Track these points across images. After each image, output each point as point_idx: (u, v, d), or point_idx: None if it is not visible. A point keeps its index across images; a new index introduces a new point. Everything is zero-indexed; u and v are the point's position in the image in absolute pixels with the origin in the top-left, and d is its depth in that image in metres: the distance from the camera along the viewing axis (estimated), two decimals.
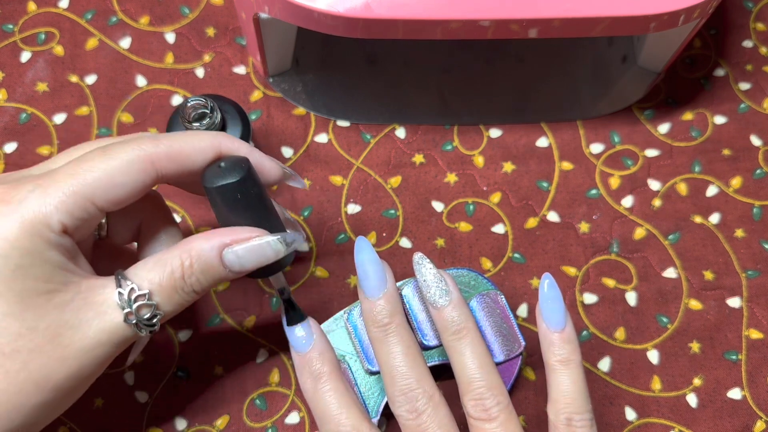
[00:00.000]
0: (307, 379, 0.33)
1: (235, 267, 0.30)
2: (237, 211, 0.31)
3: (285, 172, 0.34)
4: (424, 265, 0.34)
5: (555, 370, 0.33)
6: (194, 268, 0.29)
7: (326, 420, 0.32)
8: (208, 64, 0.46)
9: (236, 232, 0.30)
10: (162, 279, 0.29)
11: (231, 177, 0.30)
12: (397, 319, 0.33)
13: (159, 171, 0.30)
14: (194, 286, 0.30)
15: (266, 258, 0.30)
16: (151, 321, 0.29)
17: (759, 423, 0.40)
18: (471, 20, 0.34)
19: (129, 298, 0.28)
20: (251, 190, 0.31)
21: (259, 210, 0.31)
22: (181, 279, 0.29)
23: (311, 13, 0.34)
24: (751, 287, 0.42)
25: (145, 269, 0.29)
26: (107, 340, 0.29)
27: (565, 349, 0.33)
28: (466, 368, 0.33)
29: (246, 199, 0.30)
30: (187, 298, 0.30)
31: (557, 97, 0.46)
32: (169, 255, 0.30)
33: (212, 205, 0.31)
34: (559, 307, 0.33)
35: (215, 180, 0.30)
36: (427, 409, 0.32)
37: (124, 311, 0.28)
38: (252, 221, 0.31)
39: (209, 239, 0.30)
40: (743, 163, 0.45)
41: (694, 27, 0.39)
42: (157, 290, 0.29)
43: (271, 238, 0.30)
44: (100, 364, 0.29)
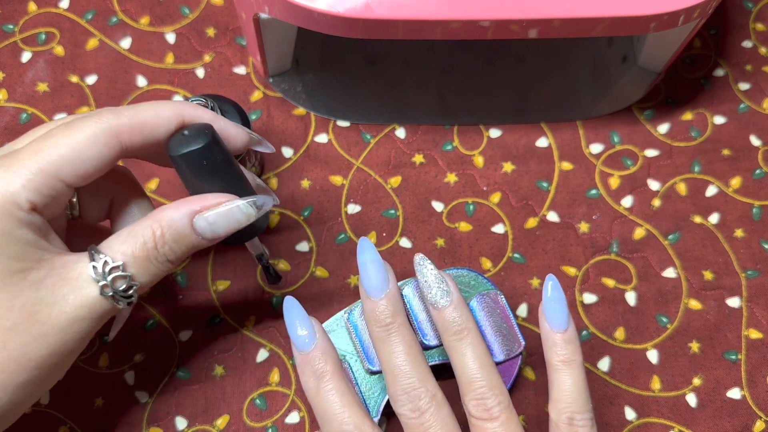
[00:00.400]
0: (309, 378, 0.33)
1: (207, 233, 0.30)
2: (204, 177, 0.31)
3: (252, 138, 0.34)
4: (425, 265, 0.34)
5: (557, 370, 0.33)
6: (166, 237, 0.30)
7: (329, 419, 0.32)
8: (209, 65, 0.46)
9: (205, 199, 0.30)
10: (135, 250, 0.29)
11: (195, 144, 0.30)
12: (399, 319, 0.33)
13: (123, 143, 0.29)
14: (168, 255, 0.30)
15: (237, 222, 0.31)
16: (127, 292, 0.29)
17: (758, 423, 0.40)
18: (471, 20, 0.34)
19: (103, 270, 0.28)
20: (217, 156, 0.31)
21: (227, 176, 0.31)
22: (153, 249, 0.29)
23: (311, 14, 0.34)
24: (750, 287, 0.42)
25: (117, 242, 0.29)
26: (85, 314, 0.29)
27: (568, 349, 0.33)
28: (467, 368, 0.33)
29: (212, 166, 0.31)
30: (162, 268, 0.30)
31: (557, 97, 0.46)
32: (140, 226, 0.30)
33: (179, 174, 0.31)
34: (562, 308, 0.34)
35: (179, 148, 0.30)
36: (429, 408, 0.32)
37: (99, 284, 0.28)
38: (221, 187, 0.31)
39: (179, 207, 0.30)
40: (743, 163, 0.45)
41: (693, 27, 0.39)
42: (131, 261, 0.29)
43: (241, 201, 0.31)
44: (80, 339, 0.29)
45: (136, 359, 0.40)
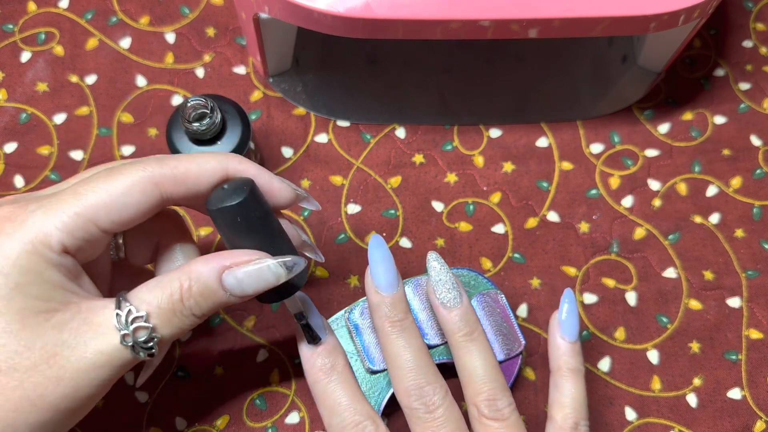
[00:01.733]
0: (318, 372, 0.33)
1: (235, 291, 0.30)
2: (239, 233, 0.30)
3: (297, 194, 0.33)
4: (438, 264, 0.35)
5: (566, 378, 0.35)
6: (193, 291, 0.29)
7: (339, 410, 0.33)
8: (208, 64, 0.46)
9: (236, 255, 0.30)
10: (161, 301, 0.29)
11: (231, 200, 0.29)
12: (410, 317, 0.34)
13: (164, 193, 0.29)
14: (193, 310, 0.29)
15: (266, 282, 0.30)
16: (147, 344, 0.29)
17: (759, 423, 0.40)
18: (471, 20, 0.34)
19: (126, 319, 0.28)
20: (254, 212, 0.30)
21: (263, 233, 0.30)
22: (179, 302, 0.29)
23: (311, 13, 0.34)
24: (751, 287, 0.42)
25: (145, 291, 0.29)
26: (104, 362, 0.28)
27: (577, 360, 0.35)
28: (478, 369, 0.34)
29: (248, 222, 0.30)
30: (187, 322, 0.29)
31: (557, 97, 0.46)
32: (168, 277, 0.29)
33: (216, 227, 0.31)
34: (576, 321, 0.35)
35: (216, 203, 0.30)
36: (444, 403, 0.33)
37: (120, 333, 0.28)
38: (256, 244, 0.30)
39: (208, 262, 0.29)
40: (743, 163, 0.45)
41: (694, 27, 0.39)
42: (155, 312, 0.29)
43: (271, 261, 0.30)
44: (98, 387, 0.29)
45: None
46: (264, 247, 0.30)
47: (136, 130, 0.44)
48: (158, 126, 0.44)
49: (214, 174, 0.30)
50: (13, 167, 0.43)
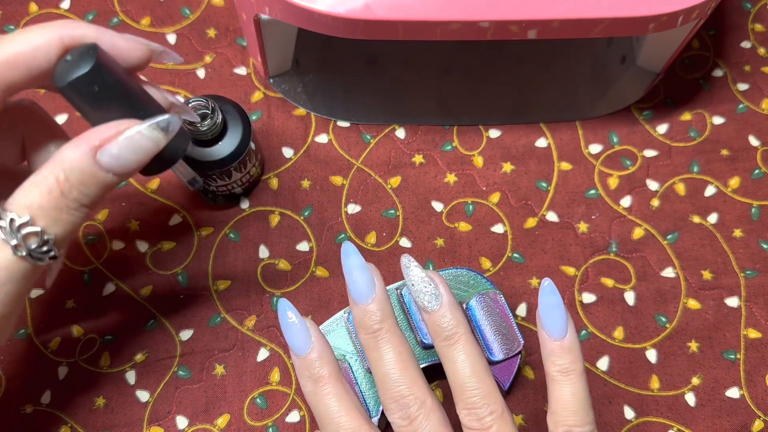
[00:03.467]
0: (307, 382, 0.33)
1: (116, 168, 0.27)
2: (100, 105, 0.27)
3: (151, 49, 0.29)
4: (411, 268, 0.33)
5: (555, 381, 0.32)
6: (71, 181, 0.26)
7: (327, 422, 0.32)
8: (209, 65, 0.46)
9: (103, 130, 0.27)
10: (42, 201, 0.26)
11: (78, 69, 0.26)
12: (386, 324, 0.32)
13: (5, 84, 0.27)
14: (80, 200, 0.27)
15: (145, 150, 0.27)
16: (43, 248, 0.26)
17: (757, 422, 0.40)
18: (471, 21, 0.34)
19: (11, 228, 0.26)
20: (107, 78, 0.27)
21: (124, 99, 0.27)
22: (61, 197, 0.26)
23: (312, 15, 0.34)
24: (749, 287, 0.42)
25: (21, 195, 0.27)
26: (5, 278, 0.26)
27: (566, 359, 0.31)
28: (458, 375, 0.32)
29: (105, 91, 0.27)
30: (78, 215, 0.27)
31: (556, 97, 0.46)
32: (42, 174, 0.27)
33: (73, 106, 0.28)
34: (559, 314, 0.32)
35: (63, 77, 0.26)
36: (419, 414, 0.31)
37: (11, 244, 0.26)
38: (121, 114, 0.27)
39: (77, 146, 0.27)
40: (741, 163, 0.45)
41: (692, 28, 0.39)
42: (39, 214, 0.26)
43: (143, 126, 0.27)
44: (8, 304, 0.27)
45: (137, 359, 0.40)
46: (131, 115, 0.28)
47: None
48: None
49: (51, 47, 0.27)
50: None
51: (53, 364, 0.40)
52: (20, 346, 0.40)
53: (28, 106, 0.31)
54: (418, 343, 0.37)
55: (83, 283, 0.41)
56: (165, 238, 0.42)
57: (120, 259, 0.42)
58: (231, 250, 0.42)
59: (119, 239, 0.42)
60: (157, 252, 0.42)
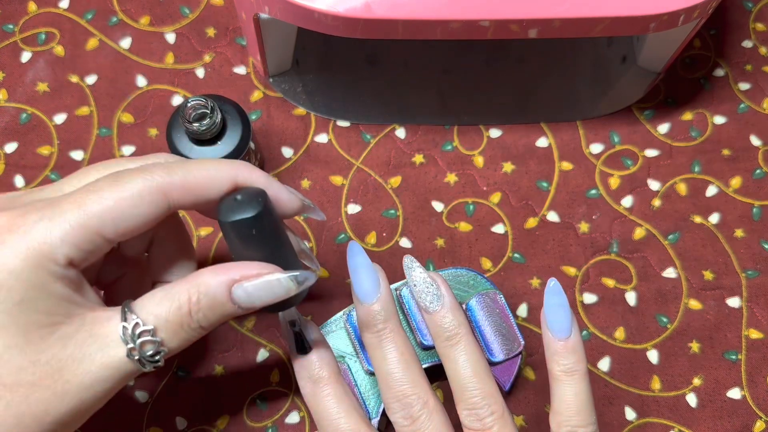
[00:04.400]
0: (306, 383, 0.33)
1: (243, 304, 0.29)
2: (250, 245, 0.29)
3: (303, 204, 0.32)
4: (413, 269, 0.34)
5: (559, 381, 0.32)
6: (201, 304, 0.28)
7: (326, 424, 0.32)
8: (209, 65, 0.46)
9: (246, 268, 0.29)
10: (169, 314, 0.28)
11: (246, 212, 0.28)
12: (390, 324, 0.33)
13: (172, 202, 0.28)
14: (201, 322, 0.29)
15: (276, 296, 0.29)
16: (154, 357, 0.28)
17: (759, 423, 0.40)
18: (471, 20, 0.34)
19: (133, 332, 0.27)
20: (266, 225, 0.29)
21: (273, 245, 0.30)
22: (188, 315, 0.28)
23: (311, 14, 0.34)
24: (750, 287, 0.42)
25: (152, 303, 0.28)
26: (109, 375, 0.28)
27: (570, 359, 0.32)
28: (459, 376, 0.32)
29: (260, 235, 0.29)
30: (194, 334, 0.29)
31: (557, 97, 0.46)
32: (176, 289, 0.28)
33: (225, 237, 0.30)
34: (564, 314, 0.32)
35: (229, 215, 0.29)
36: (422, 414, 0.32)
37: (127, 346, 0.27)
38: (265, 256, 0.29)
39: (218, 275, 0.29)
40: (743, 163, 0.45)
41: (693, 27, 0.39)
42: (163, 326, 0.28)
43: (283, 276, 0.29)
44: (100, 399, 0.28)
45: None
46: (272, 259, 0.30)
47: (136, 130, 0.44)
48: (158, 126, 0.44)
49: (224, 183, 0.29)
50: (13, 167, 0.43)
51: None
52: None
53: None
54: (417, 344, 0.37)
55: None
56: None
57: None
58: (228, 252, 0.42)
59: None
60: None
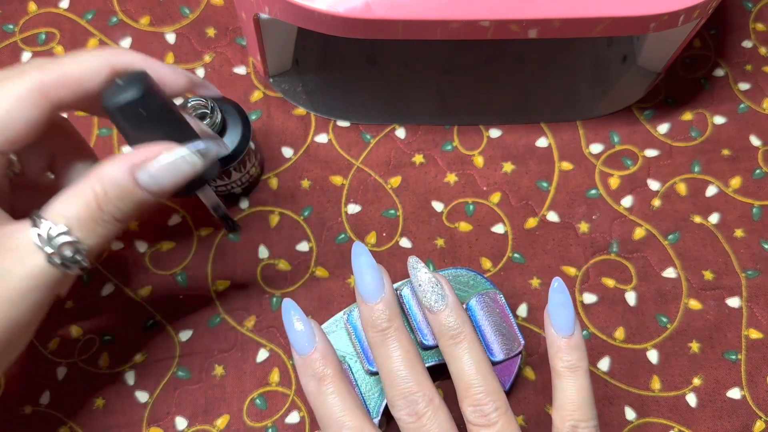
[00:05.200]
0: (309, 381, 0.33)
1: (152, 187, 0.29)
2: (143, 128, 0.29)
3: (191, 80, 0.32)
4: (419, 269, 0.34)
5: (562, 377, 0.33)
6: (109, 196, 0.28)
7: (330, 422, 0.32)
8: (209, 65, 0.46)
9: (144, 151, 0.29)
10: (79, 212, 0.27)
11: (129, 94, 0.28)
12: (395, 323, 0.33)
13: (53, 101, 0.28)
14: (114, 214, 0.28)
15: (183, 173, 0.29)
16: (75, 258, 0.28)
17: (758, 423, 0.40)
18: (471, 20, 0.34)
19: (48, 236, 0.27)
20: (154, 104, 0.29)
21: (167, 124, 0.30)
22: (98, 209, 0.28)
23: (311, 14, 0.34)
24: (750, 287, 0.42)
25: (59, 205, 0.28)
26: (35, 285, 0.27)
27: (573, 355, 0.33)
28: (464, 373, 0.33)
29: (150, 115, 0.29)
30: (111, 228, 0.28)
31: (557, 97, 0.46)
32: (80, 186, 0.28)
33: (116, 126, 0.30)
34: (568, 312, 0.33)
35: (113, 99, 0.28)
36: (427, 411, 0.32)
37: (45, 252, 0.27)
38: (162, 136, 0.29)
39: (117, 163, 0.28)
40: (743, 163, 0.45)
41: (693, 27, 0.39)
42: (76, 225, 0.27)
43: (184, 151, 0.29)
44: (35, 311, 0.28)
45: (136, 359, 0.40)
46: (170, 138, 0.29)
47: None
48: None
49: (101, 71, 0.29)
50: None
51: (52, 364, 0.40)
52: None
53: (59, 122, 0.33)
54: (418, 343, 0.37)
55: (82, 283, 0.41)
56: (164, 239, 0.42)
57: (119, 260, 0.42)
58: (230, 250, 0.42)
59: (118, 239, 0.42)
60: (156, 252, 0.42)
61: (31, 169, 0.33)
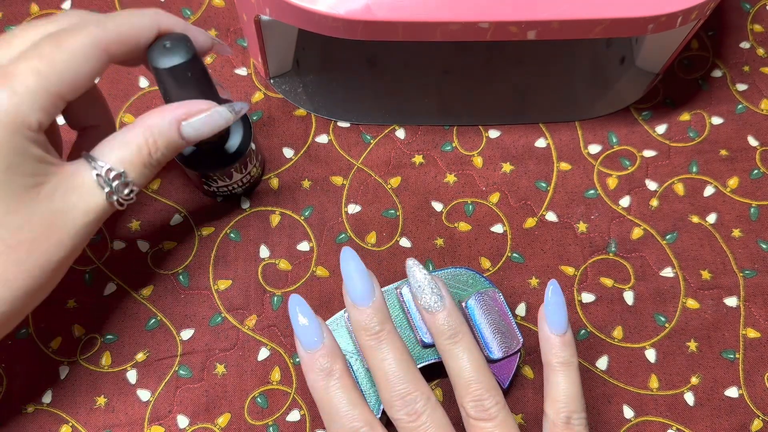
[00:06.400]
0: (316, 377, 0.34)
1: (191, 138, 0.33)
2: (186, 88, 0.33)
3: (214, 43, 0.36)
4: (416, 270, 0.35)
5: (556, 371, 0.35)
6: (158, 144, 0.32)
7: (338, 417, 0.33)
8: (210, 66, 0.46)
9: (189, 106, 0.33)
10: (132, 157, 0.31)
11: (180, 57, 0.32)
12: (387, 326, 0.34)
13: (111, 56, 0.31)
14: (160, 160, 0.32)
15: (218, 126, 0.33)
16: (129, 196, 0.32)
17: (756, 421, 0.40)
18: (470, 22, 0.35)
19: (107, 177, 0.31)
20: (197, 66, 0.33)
21: (204, 84, 0.34)
22: (148, 155, 0.32)
23: (312, 15, 0.35)
24: (748, 287, 0.42)
25: (112, 149, 0.31)
26: (93, 218, 0.31)
27: (566, 352, 0.35)
28: (463, 371, 0.34)
29: (194, 76, 0.33)
30: (155, 171, 0.33)
31: (556, 97, 0.46)
32: (131, 134, 0.32)
33: (160, 85, 0.33)
34: (562, 312, 0.35)
35: (166, 61, 0.32)
36: (426, 410, 0.33)
37: (105, 190, 0.31)
38: (198, 96, 0.33)
39: (164, 115, 0.32)
40: (740, 163, 0.45)
41: (691, 28, 0.39)
42: (130, 168, 0.31)
43: (221, 108, 0.33)
44: (85, 242, 0.32)
45: (137, 358, 0.40)
46: (206, 97, 0.34)
47: None
48: None
49: (151, 30, 0.32)
50: None
51: (54, 363, 0.40)
52: (21, 346, 0.40)
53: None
54: (417, 342, 0.37)
55: (84, 282, 0.42)
56: (166, 238, 0.42)
57: (121, 259, 0.42)
58: (232, 249, 0.42)
59: (120, 239, 0.42)
60: (158, 252, 0.42)
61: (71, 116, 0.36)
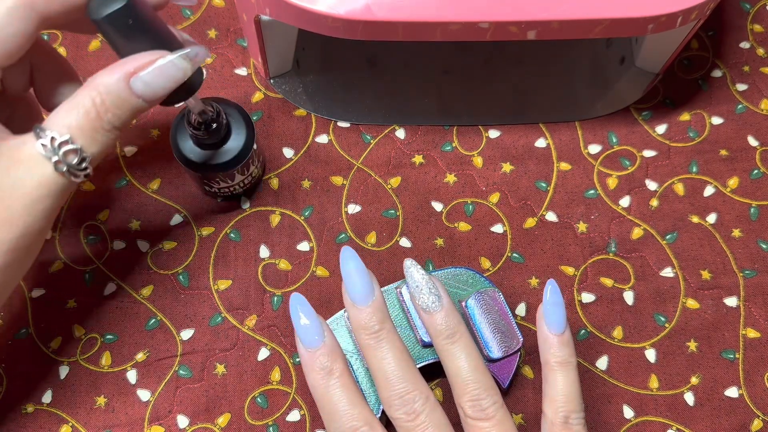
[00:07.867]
0: (316, 376, 0.34)
1: (146, 94, 0.30)
2: (132, 38, 0.30)
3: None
4: (414, 271, 0.35)
5: (554, 370, 0.35)
6: (107, 104, 0.29)
7: (338, 416, 0.33)
8: (210, 66, 0.46)
9: (137, 59, 0.29)
10: (80, 121, 0.29)
11: (116, 3, 0.29)
12: (387, 325, 0.34)
13: (41, 13, 0.29)
14: (113, 122, 0.29)
15: (174, 78, 0.30)
16: (81, 165, 0.29)
17: (756, 421, 0.40)
18: (470, 22, 0.35)
19: (52, 146, 0.28)
20: (141, 13, 0.29)
21: (154, 33, 0.30)
22: (97, 118, 0.29)
23: (312, 15, 0.35)
24: (748, 287, 0.42)
25: (59, 116, 0.29)
26: (45, 192, 0.29)
27: (564, 351, 0.35)
28: (461, 371, 0.34)
29: (138, 24, 0.29)
30: (110, 136, 0.30)
31: (556, 98, 0.46)
32: (78, 97, 0.29)
33: (105, 37, 0.30)
34: (561, 311, 0.35)
35: (100, 10, 0.29)
36: (425, 409, 0.33)
37: (52, 161, 0.28)
38: (150, 45, 0.30)
39: (112, 72, 0.29)
40: (740, 163, 0.45)
41: (691, 28, 0.39)
42: (78, 133, 0.29)
43: (173, 56, 0.30)
44: (46, 218, 0.30)
45: (137, 358, 0.40)
46: (159, 47, 0.30)
47: (137, 131, 0.44)
48: (159, 126, 0.45)
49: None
50: None
51: (54, 363, 0.40)
52: (21, 346, 0.40)
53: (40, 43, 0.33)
54: (417, 341, 0.37)
55: (84, 282, 0.42)
56: (166, 238, 0.42)
57: (121, 259, 0.42)
58: (232, 249, 0.42)
59: (120, 239, 0.42)
60: (158, 252, 0.42)
61: (10, 85, 0.33)
